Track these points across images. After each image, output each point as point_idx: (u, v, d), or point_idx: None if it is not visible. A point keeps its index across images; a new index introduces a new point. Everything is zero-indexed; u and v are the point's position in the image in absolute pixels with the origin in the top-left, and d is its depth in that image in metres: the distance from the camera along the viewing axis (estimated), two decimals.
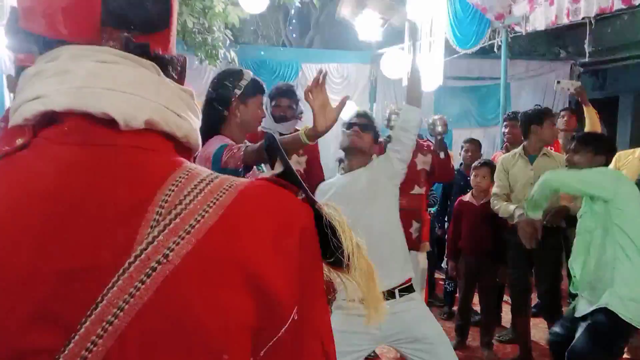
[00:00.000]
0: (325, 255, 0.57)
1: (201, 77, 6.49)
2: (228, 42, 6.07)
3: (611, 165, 3.35)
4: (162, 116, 0.56)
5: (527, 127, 3.43)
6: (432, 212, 4.79)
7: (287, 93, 3.09)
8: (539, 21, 5.25)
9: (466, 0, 5.83)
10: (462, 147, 4.81)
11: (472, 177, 3.78)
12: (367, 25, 5.11)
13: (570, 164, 2.83)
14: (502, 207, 3.35)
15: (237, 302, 0.51)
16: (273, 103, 3.05)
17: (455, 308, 4.23)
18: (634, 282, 2.47)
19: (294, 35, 10.91)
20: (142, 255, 0.48)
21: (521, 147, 3.50)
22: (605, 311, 2.46)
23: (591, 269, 2.59)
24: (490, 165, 3.73)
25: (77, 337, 0.46)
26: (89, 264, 0.48)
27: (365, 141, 2.38)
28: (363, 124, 2.39)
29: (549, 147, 3.55)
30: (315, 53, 9.09)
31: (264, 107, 2.27)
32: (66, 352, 0.46)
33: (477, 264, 3.71)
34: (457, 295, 4.10)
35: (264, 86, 2.22)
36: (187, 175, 0.54)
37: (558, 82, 4.24)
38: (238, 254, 0.51)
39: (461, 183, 4.40)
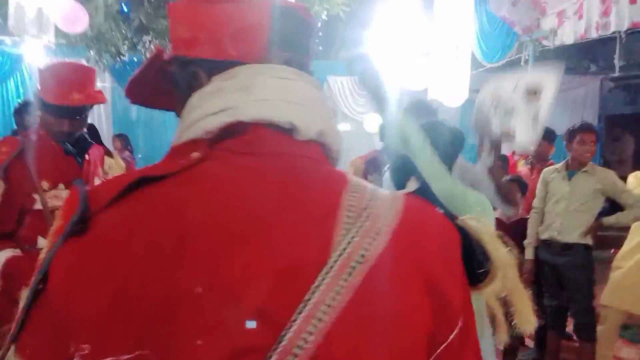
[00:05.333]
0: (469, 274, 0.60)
1: None
2: None
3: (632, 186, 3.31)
4: (327, 129, 0.60)
5: (565, 144, 3.43)
6: None
7: None
8: (568, 35, 5.17)
9: (494, 14, 5.80)
10: None
11: None
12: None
13: None
14: (528, 229, 3.44)
15: (420, 304, 0.53)
16: None
17: None
18: None
19: (320, 48, 10.99)
20: (344, 254, 0.50)
21: (564, 162, 3.45)
22: None
23: None
24: (518, 182, 3.64)
25: (289, 334, 0.46)
26: (297, 263, 0.50)
27: None
28: None
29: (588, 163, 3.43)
30: (340, 66, 9.10)
31: None
32: (279, 349, 0.46)
33: None
34: None
35: None
36: (359, 182, 0.59)
37: None
38: (418, 258, 0.55)
39: None
